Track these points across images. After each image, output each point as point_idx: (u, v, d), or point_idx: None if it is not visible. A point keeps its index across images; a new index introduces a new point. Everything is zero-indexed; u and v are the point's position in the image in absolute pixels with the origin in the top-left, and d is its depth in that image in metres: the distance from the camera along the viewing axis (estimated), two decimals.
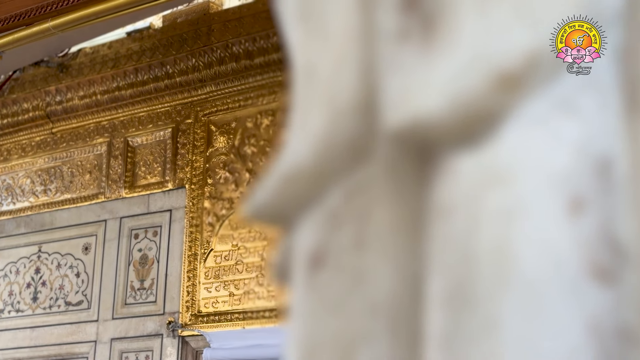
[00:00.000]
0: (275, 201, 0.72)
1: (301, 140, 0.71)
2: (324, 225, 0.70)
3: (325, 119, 0.69)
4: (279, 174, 0.72)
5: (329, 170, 0.69)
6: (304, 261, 0.71)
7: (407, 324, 0.64)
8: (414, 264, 0.64)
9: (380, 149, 0.67)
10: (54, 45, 7.08)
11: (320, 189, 0.70)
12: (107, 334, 7.11)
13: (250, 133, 6.87)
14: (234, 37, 6.95)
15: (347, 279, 0.67)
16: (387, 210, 0.66)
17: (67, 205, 7.60)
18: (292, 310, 0.74)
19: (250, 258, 6.62)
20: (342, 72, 0.69)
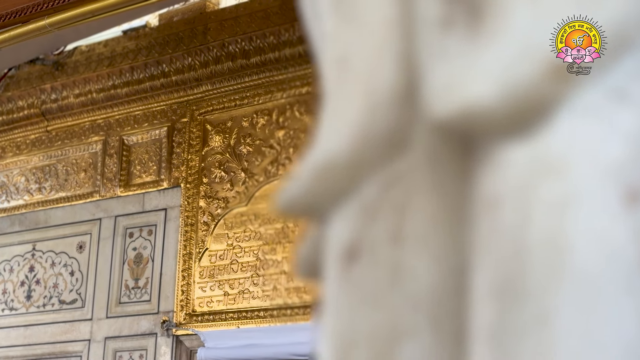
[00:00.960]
0: (310, 194, 0.71)
1: (336, 131, 0.70)
2: (358, 217, 0.69)
3: (363, 110, 0.68)
4: (313, 165, 0.71)
5: (365, 161, 0.68)
6: (338, 254, 0.70)
7: (451, 318, 0.63)
8: (456, 257, 0.64)
9: (419, 140, 0.66)
10: (50, 43, 7.07)
11: (356, 181, 0.69)
12: (101, 332, 7.10)
13: (246, 132, 6.87)
14: (230, 36, 6.94)
15: (384, 273, 0.66)
16: (427, 202, 0.65)
17: (62, 204, 7.59)
18: (325, 305, 0.73)
19: (245, 258, 6.61)
20: (380, 62, 0.68)
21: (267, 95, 6.85)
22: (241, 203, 6.74)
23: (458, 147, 0.65)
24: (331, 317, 0.71)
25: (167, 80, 7.22)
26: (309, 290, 6.31)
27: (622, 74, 0.59)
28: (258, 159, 6.75)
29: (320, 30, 0.83)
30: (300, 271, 0.85)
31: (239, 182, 6.79)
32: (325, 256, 0.76)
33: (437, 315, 0.63)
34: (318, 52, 0.86)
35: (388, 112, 0.67)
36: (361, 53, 0.70)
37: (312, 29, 0.87)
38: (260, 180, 6.70)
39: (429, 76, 0.64)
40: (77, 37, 7.11)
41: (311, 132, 0.83)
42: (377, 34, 0.69)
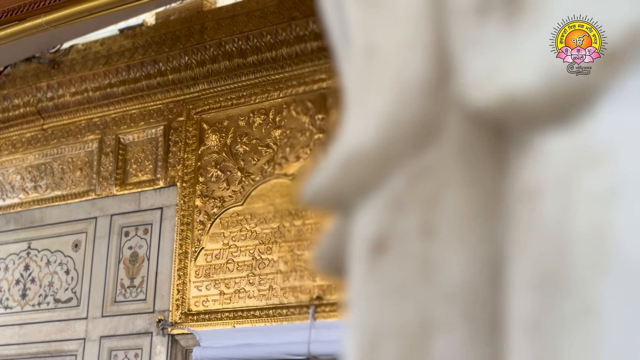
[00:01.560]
0: (336, 185, 0.70)
1: (364, 121, 0.69)
2: (386, 210, 0.68)
3: (392, 100, 0.67)
4: (339, 156, 0.70)
5: (393, 152, 0.67)
6: (365, 247, 0.69)
7: (485, 311, 0.62)
8: (490, 250, 0.63)
9: (451, 131, 0.65)
10: (46, 41, 7.06)
11: (384, 173, 0.68)
12: (96, 331, 7.08)
13: (242, 131, 6.86)
14: (227, 35, 6.93)
15: (413, 266, 0.65)
16: (459, 194, 0.64)
17: (57, 202, 7.57)
18: (351, 298, 0.73)
19: (241, 257, 6.61)
20: (410, 51, 0.67)
21: (263, 94, 6.84)
22: (237, 202, 6.73)
23: (491, 137, 0.64)
24: (358, 310, 0.70)
25: (163, 79, 7.22)
26: (305, 289, 6.31)
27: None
28: (254, 158, 6.74)
29: (342, 20, 0.82)
30: (321, 266, 0.84)
31: (235, 181, 6.78)
32: (348, 250, 0.76)
33: (472, 308, 0.63)
34: (338, 43, 0.85)
35: (418, 102, 0.66)
36: (389, 42, 0.69)
37: (331, 20, 0.86)
38: (257, 179, 6.69)
39: (465, 65, 0.63)
40: (74, 35, 7.09)
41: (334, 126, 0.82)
42: (406, 22, 0.69)
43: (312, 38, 6.60)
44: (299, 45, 6.66)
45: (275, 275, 6.43)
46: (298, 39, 6.65)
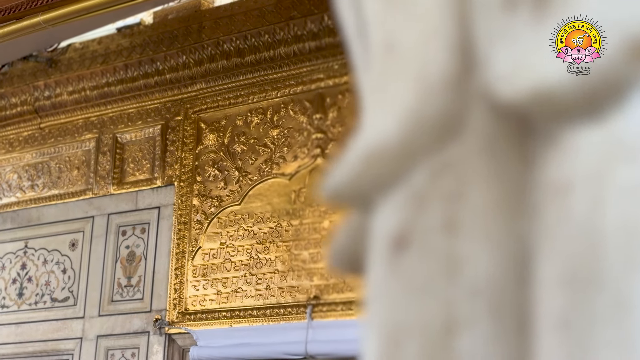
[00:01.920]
0: (357, 181, 0.70)
1: (385, 117, 0.68)
2: (407, 205, 0.68)
3: (414, 94, 0.67)
4: (360, 152, 0.69)
5: (416, 147, 0.67)
6: (386, 243, 0.69)
7: (512, 307, 0.62)
8: (516, 245, 0.62)
9: (475, 126, 0.65)
10: (44, 39, 7.05)
11: (406, 168, 0.67)
12: (93, 330, 7.08)
13: (240, 131, 6.85)
14: (225, 35, 6.93)
15: (436, 262, 0.65)
16: (484, 189, 0.64)
17: (55, 201, 7.56)
18: (371, 295, 0.72)
19: (238, 256, 6.60)
20: (432, 45, 0.67)
21: (261, 94, 6.84)
22: (235, 202, 6.73)
23: (516, 131, 0.63)
24: (379, 307, 0.69)
25: (161, 78, 7.21)
26: (302, 289, 6.30)
27: None
28: (252, 157, 6.74)
29: (358, 16, 0.81)
30: (336, 263, 0.84)
31: (233, 180, 6.78)
32: (367, 246, 0.75)
33: (498, 304, 0.62)
34: (352, 39, 0.84)
35: (441, 97, 0.66)
36: (410, 37, 0.69)
37: (345, 16, 0.86)
38: (254, 179, 6.69)
39: (492, 59, 0.63)
40: (71, 34, 7.09)
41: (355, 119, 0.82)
42: (427, 17, 0.68)
43: (310, 38, 6.60)
44: (297, 45, 6.66)
45: (272, 274, 6.43)
46: (296, 38, 6.65)
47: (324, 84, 6.59)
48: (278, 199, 6.56)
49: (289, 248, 6.41)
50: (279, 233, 6.48)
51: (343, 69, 6.52)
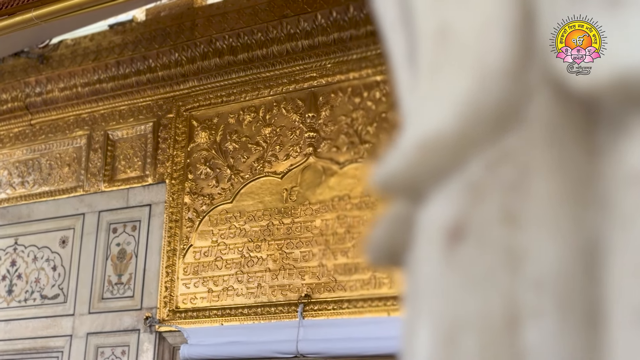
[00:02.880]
0: (411, 169, 0.68)
1: (440, 105, 0.67)
2: (463, 196, 0.67)
3: (471, 83, 0.66)
4: (415, 141, 0.68)
5: (473, 137, 0.65)
6: (440, 235, 0.68)
7: (581, 300, 0.61)
8: (583, 236, 0.61)
9: (536, 113, 0.64)
10: (35, 35, 7.02)
11: (462, 158, 0.66)
12: (83, 328, 7.05)
13: (232, 129, 6.84)
14: (217, 33, 6.92)
15: (495, 254, 0.64)
16: (548, 179, 0.63)
17: (45, 198, 7.53)
18: (420, 288, 0.71)
19: (229, 254, 6.59)
20: (491, 32, 0.66)
21: (253, 92, 6.83)
22: (226, 200, 6.72)
23: (582, 121, 0.62)
24: (431, 301, 0.68)
25: (153, 76, 7.19)
26: (293, 288, 6.29)
27: None
28: (244, 155, 6.73)
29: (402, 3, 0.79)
30: (374, 256, 0.82)
31: (225, 178, 6.77)
32: (410, 238, 0.74)
33: (565, 297, 0.61)
34: (392, 29, 0.83)
35: (499, 85, 0.65)
36: (466, 23, 0.68)
37: (383, 4, 0.84)
38: (246, 177, 6.68)
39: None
40: (63, 30, 7.06)
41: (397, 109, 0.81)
42: (485, 3, 0.67)
43: (303, 36, 6.59)
44: (290, 43, 6.65)
45: (263, 273, 6.42)
46: (289, 36, 6.64)
47: (316, 82, 6.59)
48: (270, 197, 6.55)
49: (281, 246, 6.40)
50: (271, 231, 6.47)
51: (336, 67, 6.51)
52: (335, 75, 6.52)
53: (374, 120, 6.27)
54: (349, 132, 6.36)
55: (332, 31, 6.49)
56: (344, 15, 6.43)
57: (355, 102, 6.39)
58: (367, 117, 6.31)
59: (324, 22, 6.49)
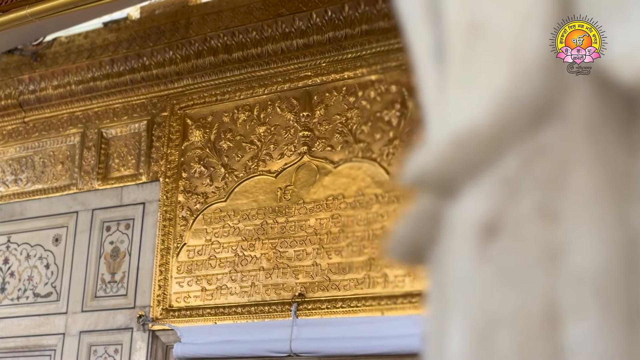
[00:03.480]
0: (445, 164, 0.68)
1: (475, 99, 0.66)
2: (498, 192, 0.66)
3: (507, 76, 0.65)
4: (449, 135, 0.67)
5: (509, 131, 0.65)
6: (473, 231, 0.67)
7: (622, 297, 0.60)
8: (624, 232, 0.61)
9: (575, 108, 0.63)
10: (29, 33, 7.00)
11: (498, 153, 0.65)
12: (75, 326, 7.03)
13: (226, 127, 6.84)
14: (212, 31, 6.91)
15: (532, 250, 0.63)
16: (586, 175, 0.62)
17: (38, 196, 7.52)
18: (451, 285, 0.70)
19: (223, 253, 6.58)
20: (529, 25, 0.65)
21: (248, 90, 6.82)
22: (220, 198, 6.71)
23: (623, 114, 0.62)
24: (465, 296, 0.67)
25: (147, 74, 7.18)
26: (287, 287, 6.29)
27: None
28: (238, 154, 6.72)
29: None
30: (397, 252, 0.81)
31: (219, 177, 6.76)
32: (437, 234, 0.74)
33: (607, 294, 0.60)
34: (417, 24, 0.82)
35: (537, 79, 0.64)
36: (502, 17, 0.67)
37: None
38: (240, 176, 6.67)
39: (608, 39, 0.61)
40: (57, 27, 7.04)
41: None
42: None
43: (298, 35, 6.59)
44: (285, 42, 6.64)
45: (257, 272, 6.41)
46: (284, 35, 6.64)
47: (311, 81, 6.58)
48: (264, 196, 6.55)
49: (275, 245, 6.40)
50: (265, 230, 6.46)
51: (330, 66, 6.51)
52: (330, 75, 6.51)
53: (369, 120, 6.27)
54: (344, 131, 6.35)
55: (327, 30, 6.49)
56: (339, 14, 6.42)
57: (349, 102, 6.39)
58: (361, 117, 6.31)
59: (319, 21, 6.49)
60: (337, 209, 6.22)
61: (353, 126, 6.32)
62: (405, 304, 5.83)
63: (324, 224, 6.24)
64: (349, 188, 6.22)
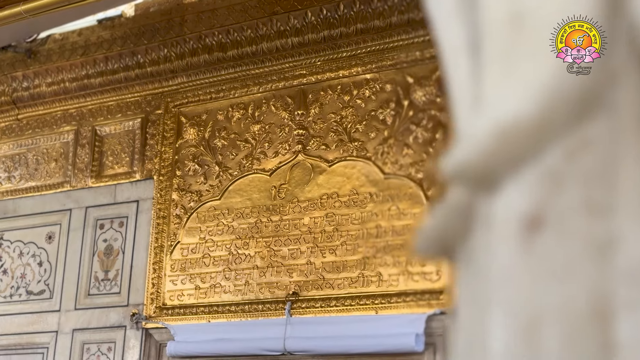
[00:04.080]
0: (486, 158, 0.67)
1: (519, 91, 0.66)
2: (541, 185, 0.65)
3: (552, 69, 0.64)
4: (491, 127, 0.66)
5: (553, 124, 0.64)
6: (517, 224, 0.66)
7: None
8: None
9: (621, 100, 0.62)
10: (23, 30, 6.98)
11: (541, 146, 0.65)
12: (68, 324, 7.01)
13: (220, 126, 6.83)
14: (207, 29, 6.89)
15: (578, 244, 0.62)
16: (636, 169, 0.62)
17: (32, 193, 7.49)
18: (491, 278, 0.69)
19: (217, 251, 6.57)
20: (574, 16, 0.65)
21: (243, 89, 6.81)
22: (214, 197, 6.70)
23: None
24: (507, 290, 0.66)
25: (141, 71, 7.16)
26: (281, 285, 6.28)
27: None
28: (232, 152, 6.71)
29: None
30: (426, 247, 0.81)
31: (213, 175, 6.75)
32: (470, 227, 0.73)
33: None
34: (450, 18, 0.81)
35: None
36: (545, 10, 0.66)
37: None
38: (234, 174, 6.67)
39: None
40: (52, 24, 7.02)
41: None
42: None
43: (293, 33, 6.58)
44: (280, 40, 6.64)
45: (251, 270, 6.41)
46: (279, 33, 6.63)
47: (306, 80, 6.58)
48: (258, 195, 6.54)
49: (269, 244, 6.39)
50: (259, 229, 6.45)
51: (325, 65, 6.51)
52: (325, 73, 6.51)
53: (363, 119, 6.27)
54: (338, 130, 6.35)
55: (322, 29, 6.48)
56: (334, 12, 6.42)
57: (344, 100, 6.39)
58: (356, 115, 6.31)
59: (314, 19, 6.48)
60: (332, 207, 6.21)
61: (348, 125, 6.32)
62: (400, 302, 5.82)
63: (318, 222, 6.24)
64: (344, 187, 6.22)
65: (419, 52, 6.18)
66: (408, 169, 6.00)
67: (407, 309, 5.79)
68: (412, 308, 5.77)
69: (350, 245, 6.09)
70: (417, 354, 5.74)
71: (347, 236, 6.11)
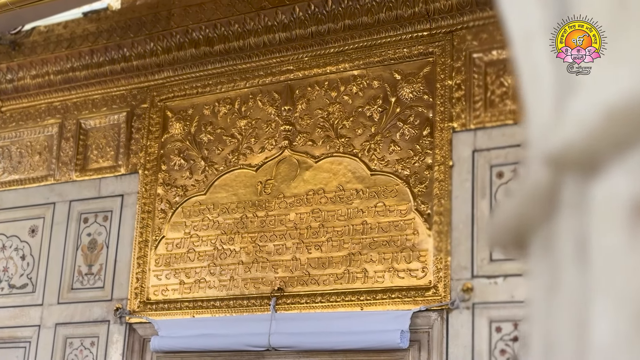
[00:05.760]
0: (592, 141, 0.64)
1: (627, 71, 0.63)
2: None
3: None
4: (599, 108, 0.64)
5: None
6: (624, 210, 0.64)
7: None
8: None
9: None
10: (8, 21, 6.92)
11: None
12: (51, 318, 6.97)
13: (206, 120, 6.80)
14: (194, 23, 6.87)
15: None
16: None
17: (15, 186, 7.44)
18: (602, 266, 0.67)
19: (202, 247, 6.55)
20: None
21: (229, 83, 6.79)
22: (200, 191, 6.68)
23: None
24: (616, 278, 0.64)
25: (127, 65, 7.13)
26: (266, 281, 6.27)
27: None
28: (219, 147, 6.69)
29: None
30: (500, 240, 0.79)
31: (199, 170, 6.73)
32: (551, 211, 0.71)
33: None
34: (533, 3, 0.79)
35: None
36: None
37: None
38: (220, 169, 6.65)
39: None
40: (37, 16, 6.97)
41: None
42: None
43: (280, 29, 6.56)
44: (267, 36, 6.62)
45: (236, 265, 6.39)
46: (266, 29, 6.61)
47: (293, 75, 6.57)
48: (244, 190, 6.52)
49: (254, 239, 6.37)
50: (244, 224, 6.44)
51: (313, 61, 6.50)
52: (312, 69, 6.50)
53: (350, 115, 6.26)
54: (325, 126, 6.34)
55: (310, 24, 6.47)
56: (322, 8, 6.41)
57: (331, 96, 6.38)
58: (343, 111, 6.30)
59: (302, 15, 6.47)
60: (318, 203, 6.20)
61: (335, 121, 6.31)
62: (385, 299, 5.82)
63: (304, 218, 6.23)
64: (330, 183, 6.21)
65: (407, 49, 6.18)
66: (395, 165, 6.00)
67: (392, 306, 5.79)
68: (397, 305, 5.77)
69: (336, 242, 6.08)
70: (402, 351, 5.74)
71: (333, 232, 6.10)
